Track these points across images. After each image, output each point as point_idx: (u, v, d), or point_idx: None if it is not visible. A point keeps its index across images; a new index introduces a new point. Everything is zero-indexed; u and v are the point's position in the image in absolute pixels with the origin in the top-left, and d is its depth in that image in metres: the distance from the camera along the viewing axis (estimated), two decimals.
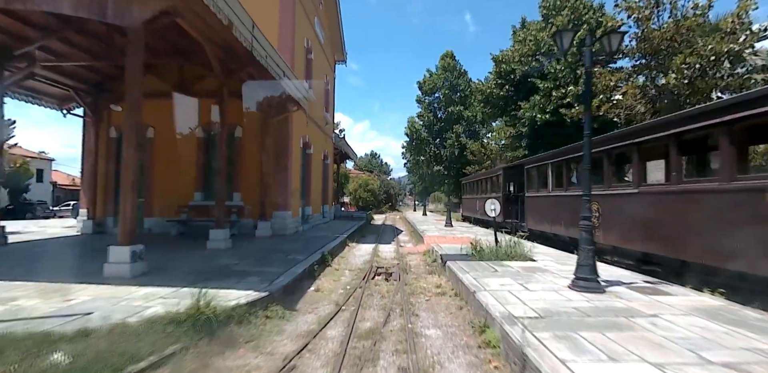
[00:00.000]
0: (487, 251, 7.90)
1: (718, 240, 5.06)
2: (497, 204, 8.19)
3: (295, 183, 13.05)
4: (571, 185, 9.39)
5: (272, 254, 8.06)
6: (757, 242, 4.54)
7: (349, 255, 10.12)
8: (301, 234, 12.56)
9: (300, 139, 13.86)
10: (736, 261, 4.82)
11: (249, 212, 12.28)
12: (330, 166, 20.58)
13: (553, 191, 10.12)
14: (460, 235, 13.07)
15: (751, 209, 4.65)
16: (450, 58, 43.80)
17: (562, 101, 19.24)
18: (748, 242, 4.67)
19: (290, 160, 12.42)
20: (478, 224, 19.06)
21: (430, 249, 9.94)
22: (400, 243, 13.18)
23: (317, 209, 17.04)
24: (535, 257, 7.79)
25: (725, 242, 4.96)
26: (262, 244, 9.85)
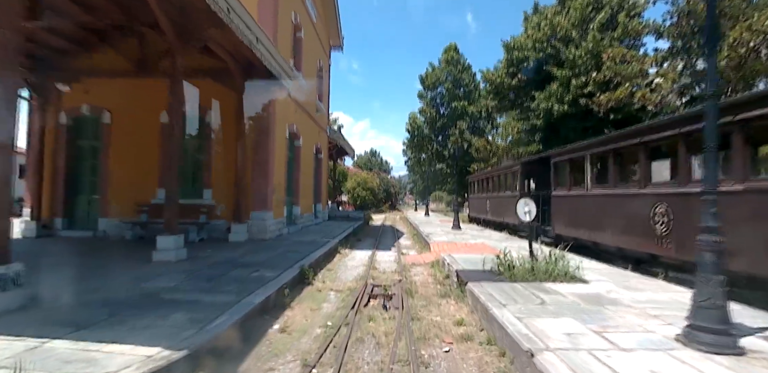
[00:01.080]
0: (520, 266, 5.93)
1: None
2: (532, 205, 6.22)
3: (278, 179, 11.08)
4: (623, 182, 7.41)
5: (233, 270, 6.09)
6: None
7: (338, 267, 8.15)
8: (284, 239, 10.58)
9: (286, 128, 11.89)
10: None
11: (222, 213, 10.31)
12: (324, 161, 18.62)
13: (595, 189, 8.14)
14: (472, 240, 11.10)
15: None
16: (453, 51, 41.82)
17: (582, 91, 17.28)
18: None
19: (271, 152, 10.44)
20: (488, 225, 17.10)
21: (439, 260, 7.98)
22: (402, 249, 11.21)
23: (308, 208, 15.08)
24: (580, 273, 5.82)
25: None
26: (230, 253, 7.88)
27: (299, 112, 13.55)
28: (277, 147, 10.86)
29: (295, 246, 9.15)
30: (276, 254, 7.79)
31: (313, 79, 16.02)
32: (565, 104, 17.57)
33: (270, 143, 10.35)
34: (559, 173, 10.10)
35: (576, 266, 5.85)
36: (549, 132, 19.49)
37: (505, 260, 6.13)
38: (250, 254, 7.80)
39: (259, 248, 8.71)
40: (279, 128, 11.05)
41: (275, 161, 10.77)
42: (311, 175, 15.93)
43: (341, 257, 9.40)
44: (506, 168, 14.37)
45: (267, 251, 8.26)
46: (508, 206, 13.77)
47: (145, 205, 10.27)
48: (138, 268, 6.19)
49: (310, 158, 15.67)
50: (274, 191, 10.83)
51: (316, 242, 10.04)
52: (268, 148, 10.29)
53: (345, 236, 12.46)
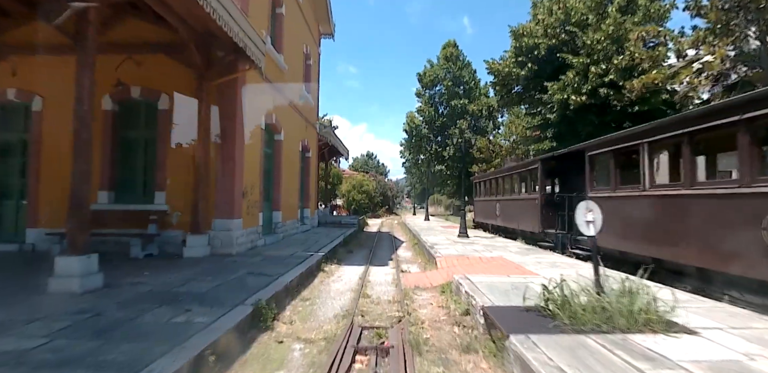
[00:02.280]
0: (580, 302, 3.94)
1: None
2: (597, 211, 4.24)
3: (250, 179, 9.09)
4: (712, 177, 5.47)
5: (153, 310, 4.08)
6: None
7: (318, 294, 6.14)
8: (256, 253, 8.57)
9: (261, 118, 9.91)
10: None
11: (178, 221, 8.29)
12: (313, 160, 16.64)
13: (657, 188, 6.19)
14: (486, 252, 9.12)
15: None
16: (453, 47, 40.13)
17: (602, 79, 15.41)
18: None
19: (239, 145, 8.45)
20: (497, 232, 15.13)
21: (452, 283, 6.01)
22: (401, 264, 9.22)
23: (292, 214, 13.07)
24: (675, 314, 3.84)
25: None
26: (173, 276, 5.87)
27: (280, 102, 11.59)
28: (248, 140, 8.87)
29: (265, 264, 7.14)
30: (233, 279, 5.77)
31: (298, 66, 14.07)
32: (583, 95, 15.69)
33: (237, 134, 8.37)
34: (597, 170, 8.14)
35: (664, 302, 3.86)
36: (564, 127, 17.60)
37: (554, 290, 4.15)
38: (198, 278, 5.79)
39: (217, 267, 6.70)
40: (251, 117, 9.07)
41: (245, 157, 8.79)
42: (296, 175, 13.94)
43: (325, 277, 7.39)
44: (521, 166, 12.42)
45: (224, 272, 6.24)
46: (524, 210, 11.81)
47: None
48: (15, 304, 4.18)
49: (295, 156, 13.69)
50: (245, 193, 8.84)
51: (295, 257, 8.03)
52: (235, 141, 8.30)
53: (334, 246, 10.47)
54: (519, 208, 12.30)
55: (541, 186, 10.71)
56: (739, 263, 4.67)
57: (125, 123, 8.81)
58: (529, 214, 11.35)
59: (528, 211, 11.44)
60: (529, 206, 11.38)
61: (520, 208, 12.22)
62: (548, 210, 10.49)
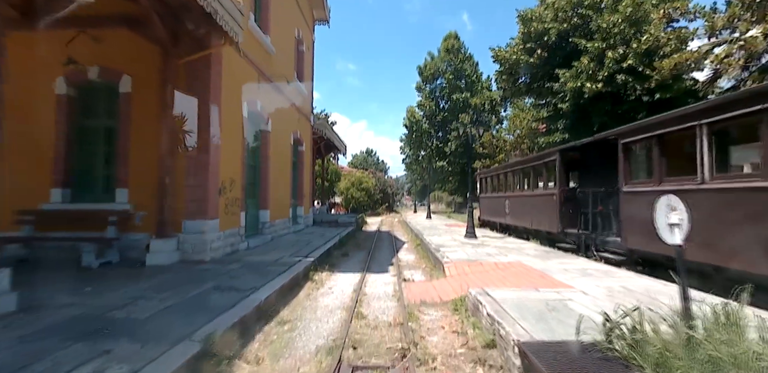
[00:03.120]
0: (663, 339, 2.75)
1: None
2: (683, 210, 2.99)
3: (229, 173, 7.92)
4: None
5: (48, 357, 2.90)
6: None
7: (300, 315, 4.96)
8: (236, 258, 7.40)
9: (243, 105, 8.71)
10: None
11: (142, 222, 7.11)
12: (306, 154, 15.44)
13: (722, 180, 5.00)
14: (500, 256, 7.95)
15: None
16: (454, 39, 38.84)
17: (620, 65, 14.18)
18: None
19: (213, 135, 7.26)
20: (506, 231, 13.96)
21: (467, 298, 4.85)
22: (404, 270, 8.06)
23: (282, 213, 11.90)
24: None
25: None
26: (119, 292, 4.70)
27: (267, 88, 10.39)
28: (225, 127, 7.69)
29: (241, 274, 5.97)
30: (192, 296, 4.61)
31: (289, 51, 12.86)
32: (599, 82, 14.47)
33: (212, 121, 7.17)
34: (635, 160, 6.95)
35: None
36: (577, 118, 16.39)
37: (623, 321, 2.96)
38: (149, 295, 4.62)
39: (181, 279, 5.53)
40: (230, 102, 7.88)
41: (223, 148, 7.60)
42: (288, 171, 12.77)
43: (313, 288, 6.22)
44: (535, 159, 11.22)
45: (186, 286, 5.07)
46: (539, 207, 10.64)
47: (29, 213, 7.04)
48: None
49: (286, 150, 12.50)
50: (223, 190, 7.67)
51: (280, 264, 6.87)
52: (209, 129, 7.11)
53: (327, 249, 9.31)
54: (533, 205, 11.12)
55: (560, 180, 9.52)
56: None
57: (83, 110, 7.62)
58: (545, 211, 10.18)
59: (544, 208, 10.27)
60: (545, 203, 10.20)
61: (534, 205, 11.04)
62: (568, 207, 9.31)
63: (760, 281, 4.15)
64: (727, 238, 4.83)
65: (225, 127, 7.70)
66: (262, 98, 9.92)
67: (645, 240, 6.36)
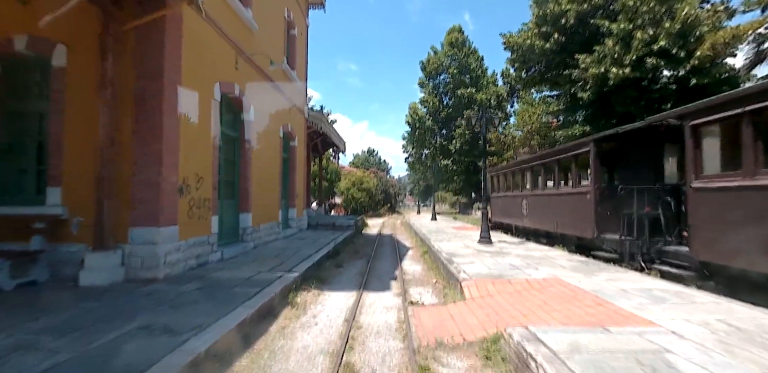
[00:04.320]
0: None
1: None
2: None
3: (193, 168, 6.43)
4: None
5: None
6: None
7: (261, 366, 3.43)
8: (197, 275, 5.90)
9: (215, 86, 7.22)
10: None
11: (80, 230, 5.61)
12: (300, 150, 13.93)
13: None
14: (532, 270, 6.41)
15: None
16: (458, 32, 37.34)
17: (649, 48, 12.61)
18: None
19: (168, 120, 5.77)
20: (523, 235, 12.42)
21: (506, 343, 3.32)
22: (410, 287, 6.56)
23: (268, 216, 10.40)
24: None
25: None
26: (4, 333, 3.20)
27: (248, 70, 8.90)
28: (189, 112, 6.19)
29: (193, 300, 4.47)
30: (98, 347, 3.11)
31: (276, 31, 11.36)
32: (626, 67, 12.91)
33: (166, 102, 5.68)
34: (710, 146, 5.40)
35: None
36: (598, 108, 14.84)
37: None
38: (35, 343, 3.13)
39: (104, 311, 4.04)
40: (196, 82, 6.39)
41: (185, 137, 6.11)
42: (277, 168, 11.26)
43: (291, 318, 4.70)
44: (561, 152, 9.65)
45: (101, 326, 3.57)
46: (567, 208, 9.11)
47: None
48: None
49: (274, 144, 10.99)
50: (184, 189, 6.17)
51: (252, 283, 5.36)
52: (162, 111, 5.61)
53: (318, 259, 7.81)
54: (558, 205, 9.59)
55: (595, 176, 7.97)
56: None
57: (9, 90, 6.13)
58: (575, 213, 8.65)
59: (574, 209, 8.74)
60: (575, 203, 8.67)
61: (559, 205, 9.50)
62: (606, 208, 7.78)
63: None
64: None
65: (186, 110, 6.20)
66: (241, 81, 8.43)
67: (730, 253, 4.81)
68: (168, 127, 5.69)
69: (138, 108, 5.60)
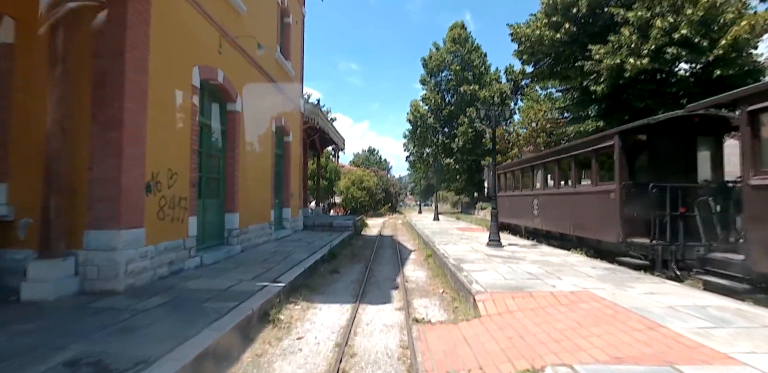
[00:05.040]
0: None
1: None
2: None
3: (165, 162, 5.62)
4: None
5: None
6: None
7: None
8: (166, 286, 5.09)
9: (194, 71, 6.40)
10: None
11: (27, 233, 4.79)
12: (295, 146, 13.11)
13: None
14: (555, 280, 5.58)
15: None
16: (461, 28, 36.50)
17: (670, 37, 11.78)
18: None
19: (131, 104, 4.95)
20: (533, 237, 11.59)
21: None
22: (414, 298, 5.75)
23: (259, 216, 9.58)
24: None
25: None
26: None
27: (234, 55, 8.10)
28: (157, 97, 5.38)
29: (149, 322, 3.66)
30: None
31: (268, 16, 10.54)
32: (644, 57, 12.08)
33: (128, 83, 4.86)
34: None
35: None
36: (613, 102, 14.00)
37: None
38: None
39: (32, 337, 3.24)
40: (166, 61, 5.57)
41: (154, 126, 5.29)
42: (269, 164, 10.43)
43: (269, 341, 3.88)
44: (580, 146, 8.80)
45: (16, 361, 2.75)
46: (587, 208, 8.28)
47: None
48: None
49: (266, 138, 10.16)
50: (155, 186, 5.36)
51: (228, 296, 4.55)
52: (124, 94, 4.79)
53: (312, 264, 7.00)
54: (575, 205, 8.76)
55: (620, 173, 7.13)
56: None
57: None
58: (597, 214, 7.83)
59: (595, 210, 7.91)
60: (597, 203, 7.84)
61: (577, 205, 8.68)
62: (633, 209, 6.95)
63: None
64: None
65: (157, 98, 5.39)
66: (227, 68, 7.62)
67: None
68: (131, 114, 4.87)
69: (96, 91, 4.79)
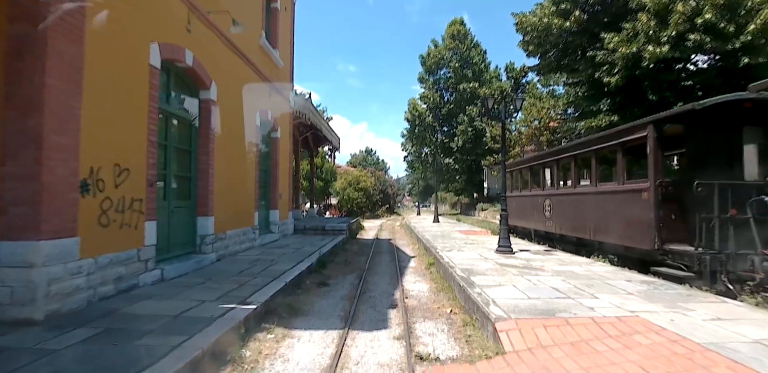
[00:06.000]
0: None
1: None
2: None
3: (111, 156, 4.58)
4: None
5: None
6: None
7: None
8: (103, 311, 4.04)
9: (152, 48, 5.36)
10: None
11: None
12: (283, 143, 12.06)
13: None
14: (592, 300, 4.56)
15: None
16: (459, 24, 35.52)
17: (692, 22, 10.81)
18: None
19: (54, 81, 3.90)
20: (545, 241, 10.58)
21: None
22: (416, 321, 4.73)
23: (240, 220, 8.54)
24: None
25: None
26: None
27: (207, 35, 7.07)
28: (97, 75, 4.34)
29: (56, 369, 2.60)
30: None
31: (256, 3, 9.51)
32: (664, 45, 11.11)
33: (56, 54, 3.81)
34: None
35: None
36: (627, 94, 13.01)
37: None
38: None
39: None
40: (110, 29, 4.53)
41: (88, 109, 4.25)
42: (252, 162, 9.38)
43: None
44: (603, 140, 7.76)
45: None
46: (612, 210, 7.27)
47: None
48: None
49: (249, 132, 9.11)
50: (94, 185, 4.32)
51: (176, 328, 3.51)
52: (45, 67, 3.74)
53: (295, 277, 5.97)
54: (597, 206, 7.75)
55: (655, 169, 6.10)
56: None
57: None
58: (624, 216, 6.82)
59: (622, 211, 6.91)
60: (624, 204, 6.84)
61: (599, 206, 7.66)
62: (671, 210, 5.95)
63: None
64: None
65: (98, 76, 4.35)
66: (198, 49, 6.58)
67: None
68: (57, 93, 3.83)
69: (11, 64, 3.75)
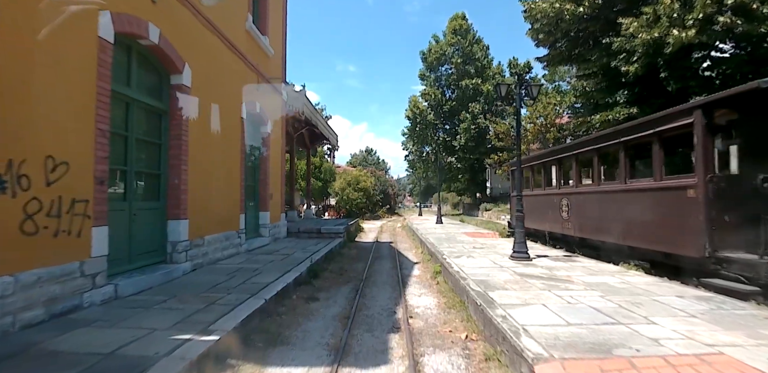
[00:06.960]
0: None
1: None
2: None
3: (39, 144, 3.62)
4: None
5: None
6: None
7: None
8: (18, 343, 3.08)
9: (100, 18, 4.41)
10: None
11: None
12: (275, 139, 11.11)
13: None
14: (648, 327, 3.59)
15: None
16: (461, 19, 34.60)
17: (721, 3, 9.85)
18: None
19: None
20: (560, 245, 9.62)
21: None
22: (423, 349, 3.82)
23: (223, 224, 7.59)
24: None
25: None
26: None
27: (177, 8, 6.12)
28: (9, 39, 3.40)
29: None
30: None
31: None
32: (691, 29, 10.13)
33: None
34: None
35: None
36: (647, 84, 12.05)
37: None
38: None
39: None
40: None
41: (3, 70, 3.30)
42: (236, 159, 8.43)
43: None
44: (634, 130, 6.76)
45: None
46: (646, 210, 6.29)
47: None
48: None
49: (233, 125, 8.16)
50: (15, 182, 3.36)
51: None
52: None
53: (280, 290, 5.02)
54: (628, 206, 6.78)
55: (704, 161, 5.15)
56: None
57: None
58: (664, 218, 5.85)
59: (659, 212, 5.95)
60: (663, 204, 5.88)
61: (631, 206, 6.70)
62: (726, 211, 4.98)
63: None
64: None
65: (17, 45, 3.42)
66: (165, 24, 5.63)
67: None
68: None
69: None
